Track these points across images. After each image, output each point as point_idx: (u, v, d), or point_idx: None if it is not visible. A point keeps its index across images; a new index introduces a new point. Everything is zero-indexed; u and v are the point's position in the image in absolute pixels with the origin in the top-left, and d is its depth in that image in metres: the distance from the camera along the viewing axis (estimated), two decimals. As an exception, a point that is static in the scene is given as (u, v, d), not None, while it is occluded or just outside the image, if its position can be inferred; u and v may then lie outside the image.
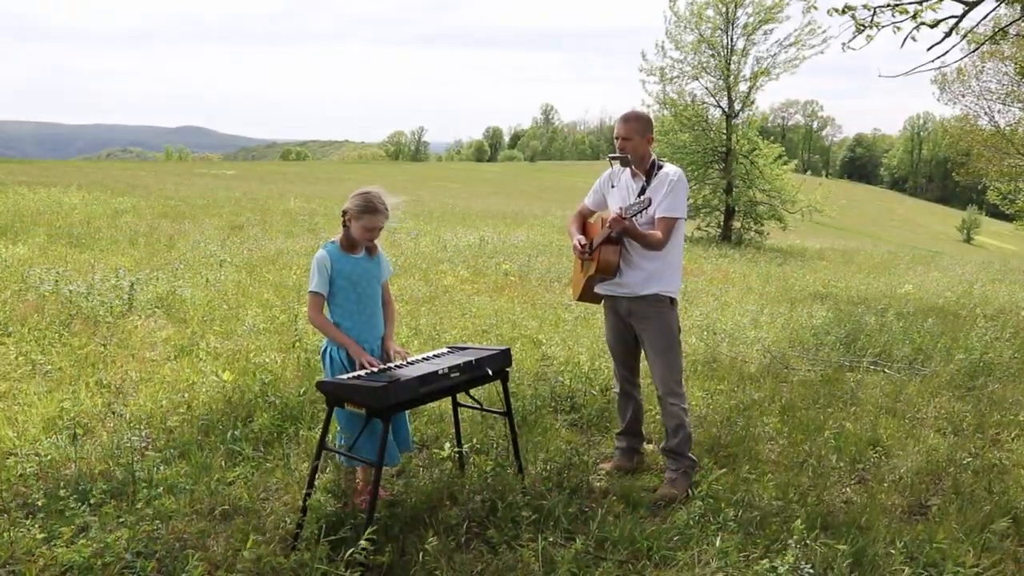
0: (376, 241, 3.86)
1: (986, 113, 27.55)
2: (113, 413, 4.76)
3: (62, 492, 3.68)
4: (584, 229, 4.53)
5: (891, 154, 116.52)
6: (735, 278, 12.74)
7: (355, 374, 3.54)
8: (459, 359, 3.74)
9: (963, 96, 27.41)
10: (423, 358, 3.86)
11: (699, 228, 21.35)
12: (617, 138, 4.20)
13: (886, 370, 6.64)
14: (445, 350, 4.07)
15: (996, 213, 46.31)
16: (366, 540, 3.00)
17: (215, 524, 3.58)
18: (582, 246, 4.28)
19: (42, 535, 3.30)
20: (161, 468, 4.05)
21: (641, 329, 4.25)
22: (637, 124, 4.17)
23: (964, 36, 9.34)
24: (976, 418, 5.44)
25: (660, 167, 4.20)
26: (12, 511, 3.60)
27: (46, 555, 3.16)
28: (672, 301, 4.21)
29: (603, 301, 4.44)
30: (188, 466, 4.12)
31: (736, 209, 21.01)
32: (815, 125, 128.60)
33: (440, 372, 3.54)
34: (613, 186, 4.39)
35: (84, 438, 4.48)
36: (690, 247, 17.57)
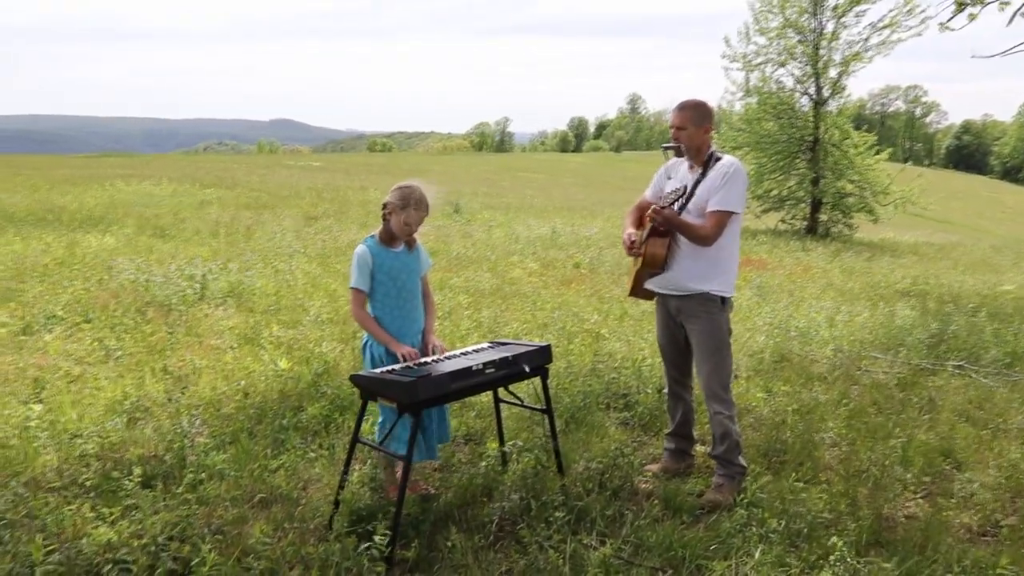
0: (415, 235, 3.83)
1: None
2: (170, 400, 4.90)
3: (115, 473, 3.81)
4: (640, 222, 4.35)
5: (1003, 142, 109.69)
6: (815, 273, 12.24)
7: (387, 368, 3.52)
8: (496, 355, 3.67)
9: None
10: (461, 353, 3.82)
11: (783, 221, 20.61)
12: (672, 127, 4.02)
13: (972, 375, 6.22)
14: (486, 345, 4.02)
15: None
16: (383, 535, 2.97)
17: (253, 511, 3.63)
18: (631, 240, 4.15)
19: (92, 513, 3.41)
20: (211, 454, 4.13)
21: (689, 329, 4.08)
22: (693, 113, 3.97)
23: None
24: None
25: (718, 159, 3.99)
26: (68, 488, 3.74)
27: (92, 532, 3.26)
28: (723, 301, 4.00)
29: (655, 298, 4.29)
30: (236, 453, 4.20)
31: (823, 201, 20.19)
32: (918, 111, 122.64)
33: (474, 368, 3.48)
34: (669, 178, 4.21)
35: (143, 422, 4.63)
36: (771, 240, 17.01)
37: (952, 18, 9.55)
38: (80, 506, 3.46)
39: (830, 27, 19.77)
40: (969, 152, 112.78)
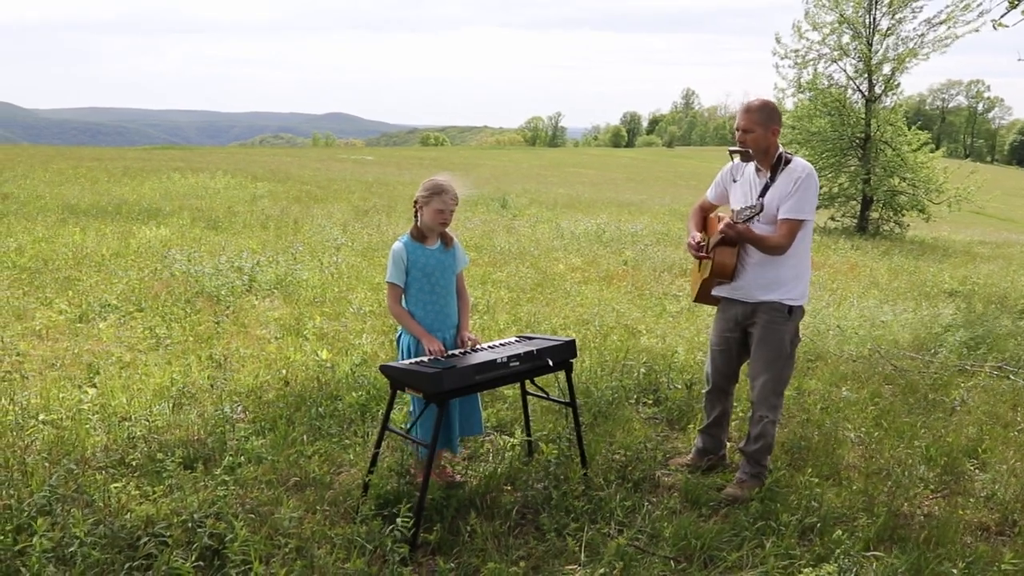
0: (450, 232, 3.97)
1: None
2: (214, 386, 5.13)
3: (160, 455, 4.03)
4: (704, 224, 4.30)
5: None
6: (862, 271, 12.08)
7: (417, 359, 3.67)
8: (521, 348, 3.80)
9: None
10: (489, 346, 3.95)
11: (832, 218, 20.31)
12: (737, 129, 3.94)
13: (1011, 376, 6.14)
14: (513, 339, 4.14)
15: None
16: (406, 519, 3.12)
17: (288, 493, 3.82)
18: (698, 244, 4.14)
19: (136, 491, 3.63)
20: (250, 439, 4.33)
21: (753, 335, 4.03)
22: (760, 115, 3.88)
23: None
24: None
25: (788, 161, 3.90)
26: (115, 467, 3.98)
27: (135, 508, 3.48)
28: (791, 311, 3.92)
29: (720, 303, 4.23)
30: (274, 438, 4.40)
31: (874, 199, 19.83)
32: (980, 107, 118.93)
33: (499, 361, 3.61)
34: (735, 180, 4.12)
35: (188, 407, 4.86)
36: (820, 238, 16.78)
37: (1006, 14, 9.37)
38: (126, 484, 3.69)
39: (885, 23, 19.40)
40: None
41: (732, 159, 4.11)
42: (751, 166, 4.02)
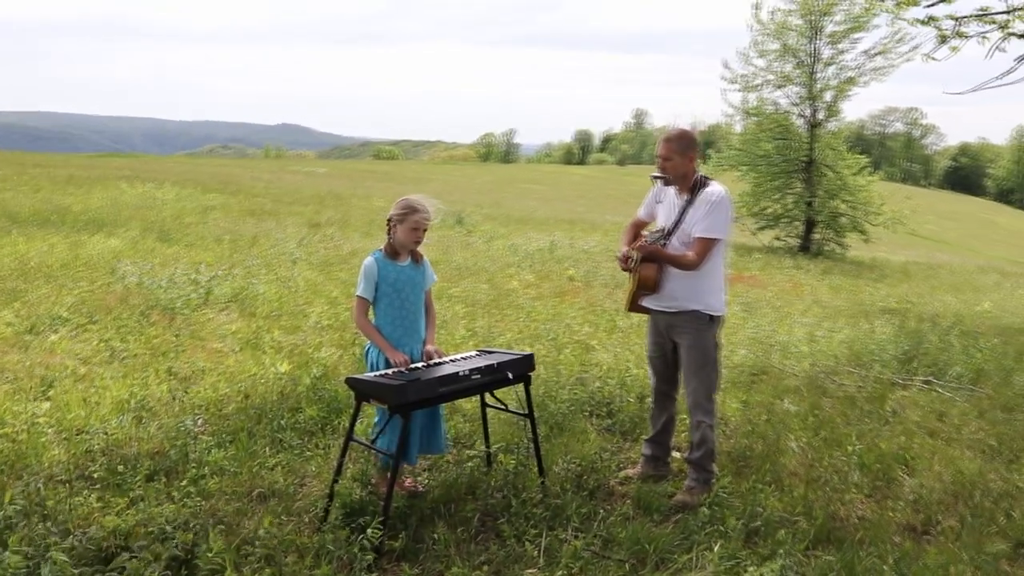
0: (421, 249, 4.12)
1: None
2: (174, 399, 5.16)
3: (120, 468, 4.07)
4: (635, 240, 4.55)
5: (997, 164, 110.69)
6: (805, 290, 12.54)
7: (381, 372, 3.80)
8: (482, 362, 3.95)
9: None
10: (450, 360, 4.09)
11: (778, 238, 20.97)
12: (658, 157, 4.26)
13: (938, 389, 6.52)
14: (474, 353, 4.30)
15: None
16: (376, 528, 3.24)
17: (252, 504, 3.89)
18: (625, 257, 4.40)
19: (99, 504, 3.67)
20: (212, 452, 4.39)
21: (679, 344, 4.33)
22: (677, 144, 4.21)
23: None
24: (1020, 442, 5.31)
25: (705, 185, 4.23)
26: (74, 481, 4.00)
27: (99, 521, 3.52)
28: (712, 319, 4.26)
29: (650, 313, 4.52)
30: (236, 451, 4.46)
31: (817, 220, 20.54)
32: (916, 133, 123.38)
33: (461, 374, 3.76)
34: (659, 201, 4.46)
35: (148, 421, 4.88)
36: (766, 257, 17.33)
37: (936, 49, 9.89)
38: (87, 497, 3.72)
39: (827, 52, 20.20)
40: (965, 174, 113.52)
41: (654, 184, 4.44)
42: (673, 189, 4.35)
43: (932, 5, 10.09)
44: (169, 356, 6.19)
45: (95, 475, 4.02)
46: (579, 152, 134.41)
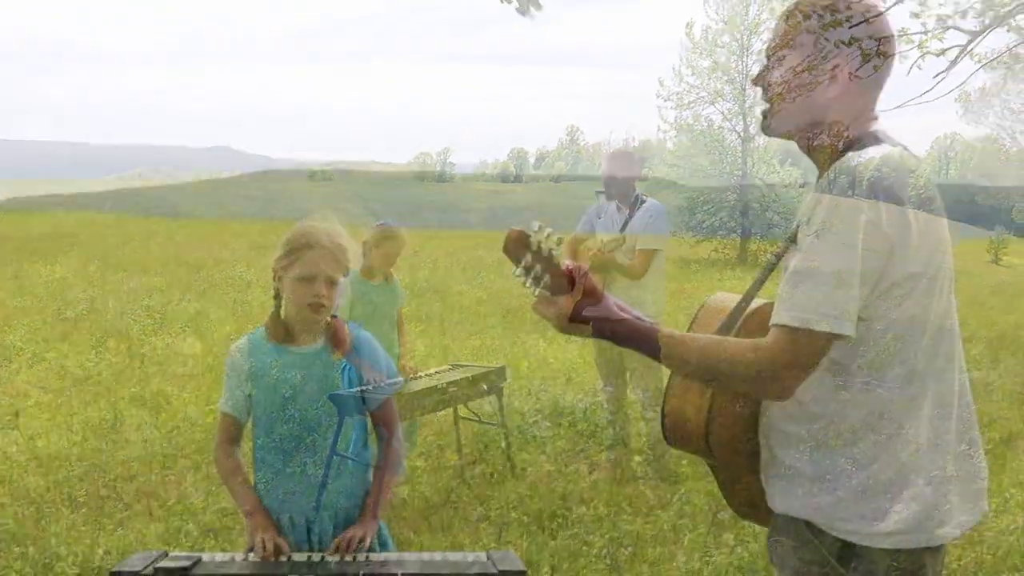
0: (392, 269, 4.31)
1: (1008, 134, 27.70)
2: (145, 423, 5.21)
3: (103, 492, 4.13)
4: (574, 257, 4.88)
5: (917, 174, 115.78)
6: (743, 300, 13.01)
7: (361, 387, 3.95)
8: (458, 375, 4.16)
9: (987, 116, 27.58)
10: (426, 374, 4.28)
11: (715, 250, 21.64)
12: (603, 175, 4.66)
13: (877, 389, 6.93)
14: (448, 367, 4.49)
15: (1024, 232, 45.95)
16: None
17: (238, 519, 3.99)
18: (569, 271, 4.66)
19: (85, 527, 3.73)
20: (191, 473, 4.47)
21: (625, 349, 4.60)
22: (620, 162, 4.66)
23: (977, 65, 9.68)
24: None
25: (643, 201, 4.62)
26: (59, 505, 4.04)
27: (92, 542, 3.58)
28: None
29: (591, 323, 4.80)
30: (213, 471, 4.54)
31: (752, 232, 21.29)
32: (841, 145, 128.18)
33: (439, 387, 3.96)
34: (599, 217, 4.79)
35: (122, 445, 4.92)
36: (703, 269, 17.88)
37: (860, 67, 10.54)
38: (74, 521, 3.78)
39: (756, 69, 20.99)
40: (889, 183, 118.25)
41: (598, 199, 4.80)
42: (612, 205, 4.70)
43: (854, 26, 10.83)
44: (132, 382, 6.20)
45: (80, 499, 4.07)
46: (515, 169, 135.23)
